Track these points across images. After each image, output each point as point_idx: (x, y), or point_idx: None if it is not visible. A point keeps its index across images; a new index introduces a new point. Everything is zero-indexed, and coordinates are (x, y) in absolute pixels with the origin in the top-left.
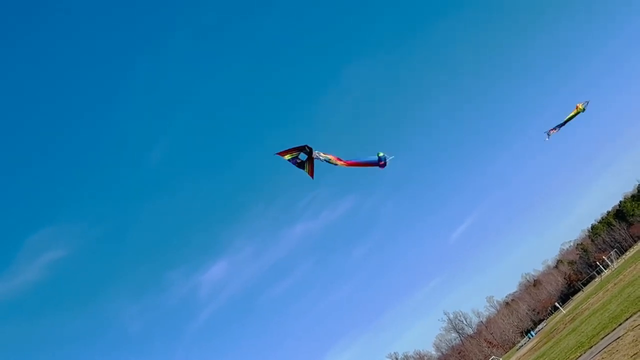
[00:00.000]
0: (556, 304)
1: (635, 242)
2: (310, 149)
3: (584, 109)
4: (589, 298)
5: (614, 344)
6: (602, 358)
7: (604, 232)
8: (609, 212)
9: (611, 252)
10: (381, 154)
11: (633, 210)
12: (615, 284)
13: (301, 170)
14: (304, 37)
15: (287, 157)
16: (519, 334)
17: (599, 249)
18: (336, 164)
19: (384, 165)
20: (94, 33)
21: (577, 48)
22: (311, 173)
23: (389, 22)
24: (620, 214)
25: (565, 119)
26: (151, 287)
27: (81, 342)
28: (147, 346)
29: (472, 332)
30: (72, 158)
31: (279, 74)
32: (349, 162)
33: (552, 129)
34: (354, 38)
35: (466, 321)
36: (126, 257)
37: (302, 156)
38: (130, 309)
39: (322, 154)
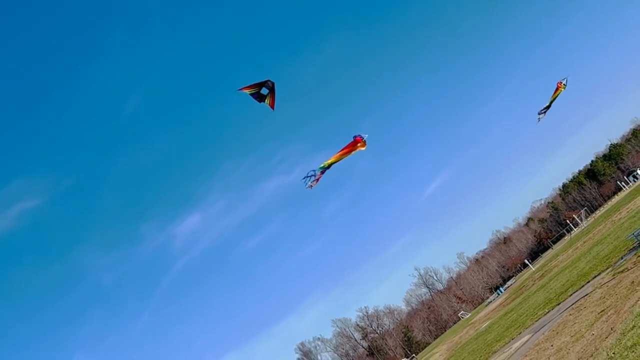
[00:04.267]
0: (526, 261)
1: (605, 201)
2: (273, 83)
3: (565, 86)
4: (558, 256)
5: (582, 300)
6: (570, 314)
7: (574, 190)
8: (580, 172)
9: (581, 211)
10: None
11: (604, 169)
12: (584, 242)
13: (262, 103)
14: None
15: (249, 91)
16: (488, 290)
17: (570, 207)
18: (329, 164)
19: (362, 141)
20: None
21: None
22: (272, 105)
23: None
24: (591, 173)
25: (550, 100)
26: (125, 239)
27: (54, 293)
28: (120, 297)
29: (442, 288)
30: (45, 109)
31: (258, 28)
32: (335, 155)
33: (541, 113)
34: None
35: (436, 277)
36: (100, 208)
37: (264, 90)
38: (103, 260)
39: (317, 176)
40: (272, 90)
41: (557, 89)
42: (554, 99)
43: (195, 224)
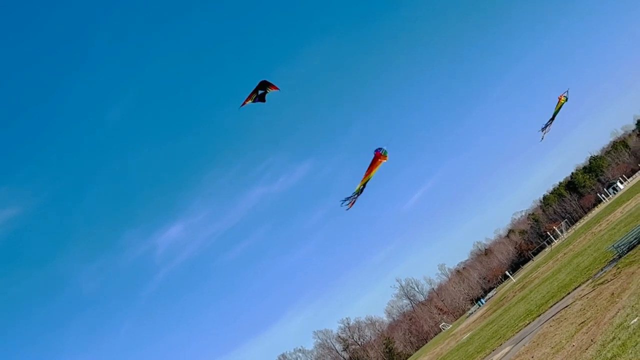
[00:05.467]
0: (507, 272)
1: (585, 213)
2: (265, 81)
3: (566, 99)
4: (538, 267)
5: (562, 312)
6: (550, 326)
7: (555, 202)
8: (560, 183)
9: (562, 223)
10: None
11: (584, 182)
12: (565, 254)
13: (265, 100)
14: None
15: (250, 101)
16: (470, 302)
17: (550, 219)
18: (362, 186)
19: (381, 155)
20: None
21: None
22: (275, 88)
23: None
24: (571, 185)
25: (553, 114)
26: (107, 248)
27: (34, 302)
28: (101, 307)
29: (423, 299)
30: (26, 117)
31: (241, 38)
32: (364, 176)
33: (544, 129)
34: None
35: (418, 288)
36: (82, 218)
37: (261, 91)
38: (85, 269)
39: (353, 198)
40: (267, 85)
41: (558, 102)
42: (557, 112)
43: (177, 233)
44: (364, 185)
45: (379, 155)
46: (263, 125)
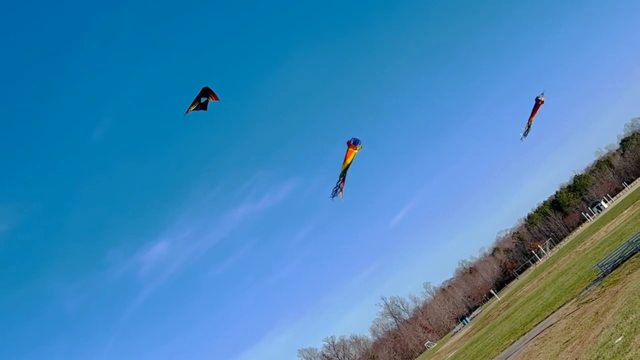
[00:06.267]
0: (491, 291)
1: (570, 231)
2: (207, 88)
3: (543, 101)
4: (523, 286)
5: (547, 331)
6: (535, 344)
7: (539, 221)
8: (545, 202)
9: (546, 241)
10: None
11: (569, 200)
12: (549, 273)
13: (207, 109)
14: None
15: (193, 108)
16: (454, 320)
17: (535, 237)
18: (344, 170)
19: (352, 145)
20: (40, 13)
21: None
22: (215, 98)
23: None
24: (556, 204)
25: (531, 117)
26: (90, 266)
27: (16, 319)
28: (84, 325)
29: (408, 317)
30: (7, 135)
31: (225, 55)
32: (344, 162)
33: (524, 131)
34: (297, 26)
35: (403, 306)
36: (65, 234)
37: (203, 99)
38: (68, 287)
39: (340, 185)
40: (209, 93)
41: (536, 106)
42: (534, 116)
43: (162, 250)
44: (344, 172)
45: (349, 144)
46: (249, 142)
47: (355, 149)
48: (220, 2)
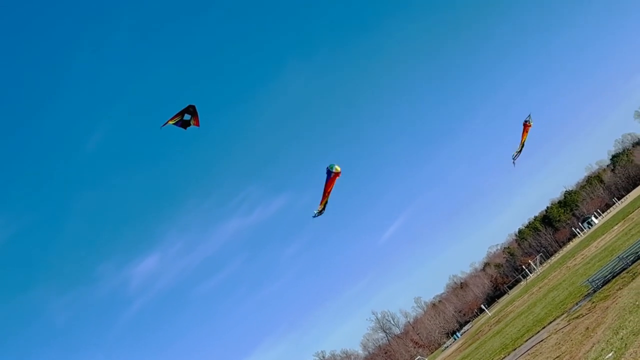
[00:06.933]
0: (482, 306)
1: (560, 247)
2: (193, 107)
3: (531, 124)
4: (514, 301)
5: (538, 346)
6: None
7: (530, 236)
8: (535, 217)
9: (537, 257)
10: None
11: (559, 216)
12: (540, 288)
13: (187, 128)
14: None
15: (173, 122)
16: (445, 335)
17: (525, 252)
18: (323, 205)
19: (331, 172)
20: (33, 23)
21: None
22: (197, 123)
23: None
24: (546, 219)
25: (522, 141)
26: (80, 280)
27: (5, 333)
28: (74, 338)
29: (399, 332)
30: (0, 145)
31: (216, 68)
32: (323, 195)
33: (515, 157)
34: (291, 38)
35: (393, 321)
36: (55, 247)
37: (187, 116)
38: (57, 301)
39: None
40: (194, 113)
41: (525, 129)
42: (524, 139)
43: (153, 264)
44: (325, 204)
45: (329, 172)
46: (240, 156)
47: (336, 174)
48: (213, 18)
